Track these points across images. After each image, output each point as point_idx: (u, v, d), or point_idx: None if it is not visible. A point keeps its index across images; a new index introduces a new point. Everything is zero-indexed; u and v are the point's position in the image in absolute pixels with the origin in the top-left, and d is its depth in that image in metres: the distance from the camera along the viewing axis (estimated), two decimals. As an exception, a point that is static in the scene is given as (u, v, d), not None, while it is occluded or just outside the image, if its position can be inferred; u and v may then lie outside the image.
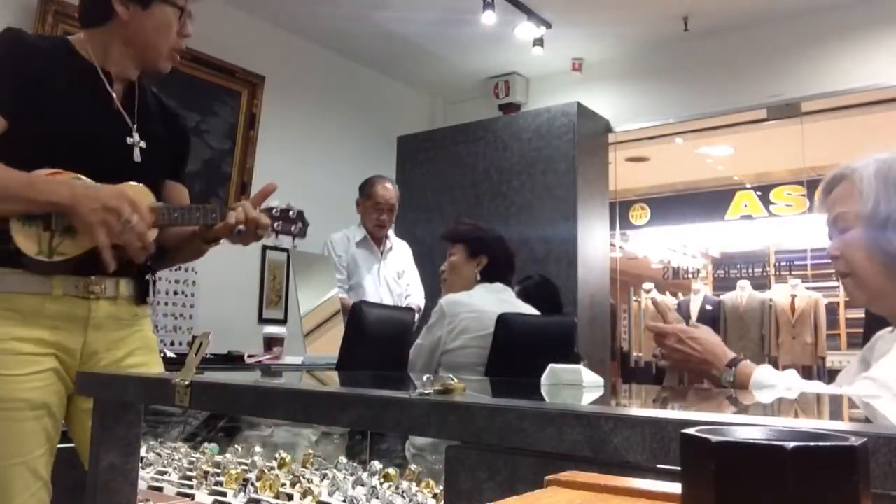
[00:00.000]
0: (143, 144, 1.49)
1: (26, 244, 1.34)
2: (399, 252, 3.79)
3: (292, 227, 1.60)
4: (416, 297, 3.75)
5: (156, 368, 1.58)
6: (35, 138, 1.39)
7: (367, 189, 3.67)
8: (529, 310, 2.63)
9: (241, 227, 1.47)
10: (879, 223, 1.14)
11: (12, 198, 1.31)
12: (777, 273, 6.40)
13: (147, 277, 1.56)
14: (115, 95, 1.48)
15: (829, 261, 1.27)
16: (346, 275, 3.61)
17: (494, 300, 2.51)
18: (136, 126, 1.50)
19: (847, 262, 1.21)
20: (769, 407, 1.06)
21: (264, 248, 4.47)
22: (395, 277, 3.73)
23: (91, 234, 1.33)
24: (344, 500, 1.54)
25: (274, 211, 1.57)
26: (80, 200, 1.31)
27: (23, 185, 1.31)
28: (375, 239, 3.69)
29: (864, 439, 0.29)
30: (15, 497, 1.27)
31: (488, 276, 2.58)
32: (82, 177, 1.39)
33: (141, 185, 1.44)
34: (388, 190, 3.66)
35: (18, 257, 1.35)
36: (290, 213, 1.59)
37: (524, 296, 3.17)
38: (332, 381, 1.73)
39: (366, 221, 3.68)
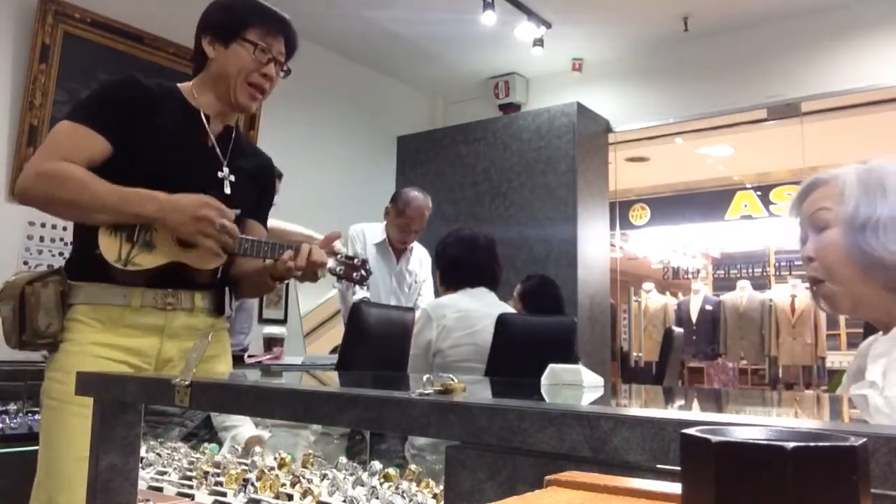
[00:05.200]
0: (232, 178, 1.61)
1: (108, 251, 1.46)
2: (417, 261, 3.59)
3: (354, 274, 1.65)
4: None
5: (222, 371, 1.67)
6: (137, 168, 1.51)
7: (400, 204, 3.41)
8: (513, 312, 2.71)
9: (298, 272, 1.54)
10: (858, 226, 1.14)
11: (105, 208, 1.44)
12: (777, 273, 6.41)
13: (225, 290, 1.66)
14: (211, 134, 1.62)
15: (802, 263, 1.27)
16: None
17: (477, 303, 2.56)
18: (226, 162, 1.63)
19: (823, 265, 1.20)
20: (769, 407, 1.06)
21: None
22: (405, 287, 3.55)
23: (190, 241, 1.48)
24: (344, 501, 1.54)
25: (339, 256, 1.64)
26: (167, 214, 1.44)
27: (116, 197, 1.44)
28: (395, 248, 3.50)
29: (864, 439, 0.29)
30: (77, 489, 1.34)
31: (464, 281, 2.60)
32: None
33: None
34: (423, 213, 3.40)
35: (103, 267, 1.47)
36: (355, 260, 1.65)
37: (526, 296, 3.18)
38: (332, 381, 1.73)
39: (390, 230, 3.46)
